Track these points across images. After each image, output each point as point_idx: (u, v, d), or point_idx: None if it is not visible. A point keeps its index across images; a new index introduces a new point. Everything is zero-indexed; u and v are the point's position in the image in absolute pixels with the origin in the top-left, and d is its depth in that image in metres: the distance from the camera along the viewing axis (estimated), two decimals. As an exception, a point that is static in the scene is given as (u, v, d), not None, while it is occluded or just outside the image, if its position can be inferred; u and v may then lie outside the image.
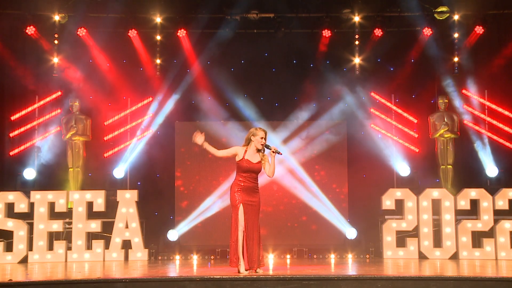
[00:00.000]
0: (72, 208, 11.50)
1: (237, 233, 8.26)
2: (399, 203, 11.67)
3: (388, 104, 12.83)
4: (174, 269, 9.95)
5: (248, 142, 8.38)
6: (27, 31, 12.18)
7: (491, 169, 12.23)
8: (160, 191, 12.91)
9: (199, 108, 12.85)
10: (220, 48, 12.59)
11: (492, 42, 12.56)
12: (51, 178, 12.41)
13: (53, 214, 11.49)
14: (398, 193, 11.67)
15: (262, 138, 8.29)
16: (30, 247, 11.30)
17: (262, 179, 8.62)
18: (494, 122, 12.44)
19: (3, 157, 12.45)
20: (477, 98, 12.57)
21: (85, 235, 11.42)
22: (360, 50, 12.70)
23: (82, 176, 12.42)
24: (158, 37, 12.67)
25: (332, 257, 11.86)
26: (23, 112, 12.51)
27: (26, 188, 12.00)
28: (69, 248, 11.39)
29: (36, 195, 11.44)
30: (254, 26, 12.73)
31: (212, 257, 11.99)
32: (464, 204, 11.46)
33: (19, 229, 11.31)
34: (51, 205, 11.49)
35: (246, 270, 8.21)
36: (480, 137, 12.42)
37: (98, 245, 11.42)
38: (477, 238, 11.48)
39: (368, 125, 12.76)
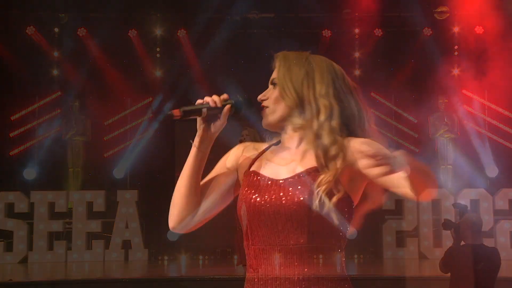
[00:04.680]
0: (72, 208, 11.51)
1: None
2: (399, 203, 11.66)
3: (388, 104, 12.82)
4: (174, 269, 9.95)
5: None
6: (27, 31, 12.18)
7: (491, 169, 12.22)
8: (160, 191, 12.87)
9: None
10: (220, 48, 12.57)
11: (492, 42, 12.53)
12: (51, 178, 12.40)
13: (53, 214, 11.48)
14: (398, 193, 11.65)
15: (245, 136, 8.61)
16: (30, 247, 11.29)
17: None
18: (494, 122, 12.43)
19: (3, 157, 12.43)
20: (477, 98, 12.56)
21: (85, 235, 11.42)
22: (359, 50, 12.70)
23: (82, 176, 12.41)
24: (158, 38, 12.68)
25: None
26: (23, 112, 12.50)
27: (26, 188, 11.99)
28: (69, 248, 11.39)
29: (36, 195, 11.44)
30: (254, 26, 12.72)
31: (212, 257, 11.98)
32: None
33: (19, 229, 11.30)
34: (51, 205, 11.48)
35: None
36: (481, 137, 12.40)
37: (98, 245, 11.42)
38: (477, 238, 11.46)
39: (368, 125, 12.73)
